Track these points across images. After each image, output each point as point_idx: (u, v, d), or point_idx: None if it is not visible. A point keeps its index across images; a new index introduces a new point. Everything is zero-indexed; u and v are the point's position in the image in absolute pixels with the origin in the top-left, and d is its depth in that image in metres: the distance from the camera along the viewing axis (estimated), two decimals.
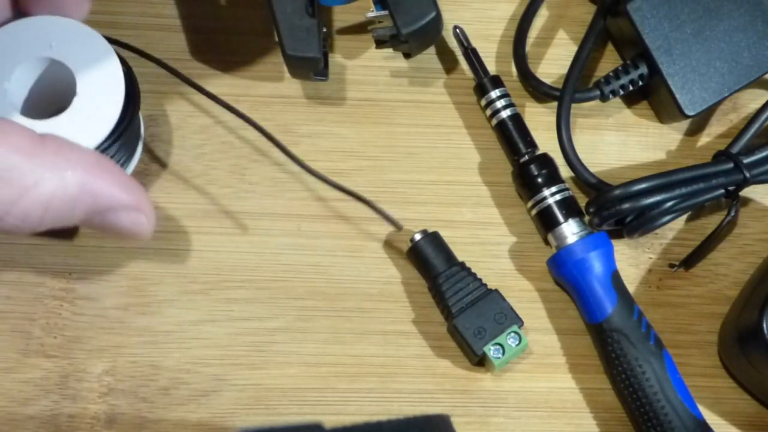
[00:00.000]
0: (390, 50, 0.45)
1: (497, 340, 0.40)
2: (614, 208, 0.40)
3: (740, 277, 0.43)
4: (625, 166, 0.44)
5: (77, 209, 0.32)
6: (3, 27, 0.37)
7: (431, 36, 0.43)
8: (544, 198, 0.41)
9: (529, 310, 0.42)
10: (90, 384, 0.40)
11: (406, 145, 0.44)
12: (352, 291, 0.42)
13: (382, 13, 0.41)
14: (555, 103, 0.43)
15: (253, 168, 0.43)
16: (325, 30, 0.42)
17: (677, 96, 0.42)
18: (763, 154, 0.41)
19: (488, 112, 0.43)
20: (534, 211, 0.42)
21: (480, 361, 0.41)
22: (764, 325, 0.38)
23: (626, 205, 0.40)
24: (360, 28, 0.45)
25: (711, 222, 0.43)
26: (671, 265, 0.43)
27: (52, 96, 0.39)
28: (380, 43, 0.43)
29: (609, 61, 0.46)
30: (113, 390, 0.40)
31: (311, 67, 0.41)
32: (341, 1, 0.42)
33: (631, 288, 0.42)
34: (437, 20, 0.41)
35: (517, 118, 0.43)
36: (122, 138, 0.38)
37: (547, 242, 0.42)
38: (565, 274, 0.41)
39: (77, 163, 0.31)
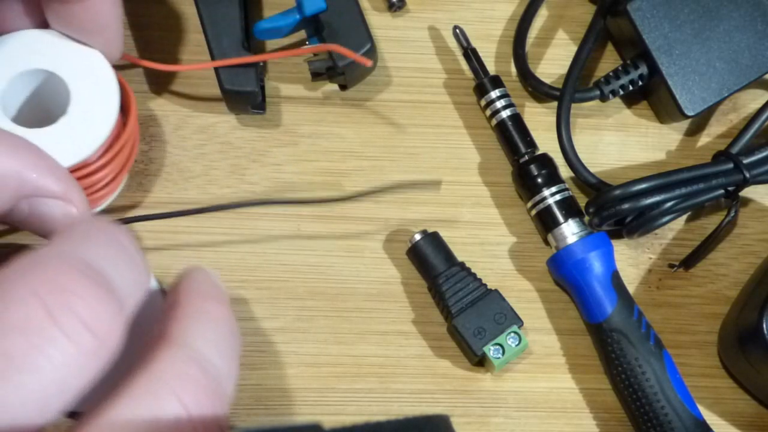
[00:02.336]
0: (388, 51, 0.45)
1: (497, 340, 0.40)
2: (614, 208, 0.40)
3: (740, 277, 0.43)
4: (625, 166, 0.44)
5: (3, 192, 0.31)
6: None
7: (367, 67, 0.43)
8: (544, 198, 0.41)
9: (529, 310, 0.42)
10: None
11: (406, 145, 0.44)
12: (352, 291, 0.42)
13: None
14: (555, 103, 0.43)
15: (253, 168, 0.43)
16: (261, 64, 0.43)
17: (677, 96, 0.42)
18: (763, 154, 0.41)
19: (488, 112, 0.43)
20: (534, 212, 0.42)
21: (480, 362, 0.41)
22: (764, 325, 0.38)
23: (626, 206, 0.40)
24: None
25: (711, 222, 0.43)
26: (671, 266, 0.43)
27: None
28: (316, 76, 0.44)
29: (609, 61, 0.46)
30: None
31: (249, 101, 0.42)
32: (276, 36, 0.42)
33: (631, 288, 0.42)
34: (372, 51, 0.42)
35: (516, 118, 0.43)
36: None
37: (547, 242, 0.42)
38: (565, 274, 0.41)
39: (4, 146, 0.31)
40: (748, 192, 0.43)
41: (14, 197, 0.32)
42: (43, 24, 0.38)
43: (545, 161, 0.42)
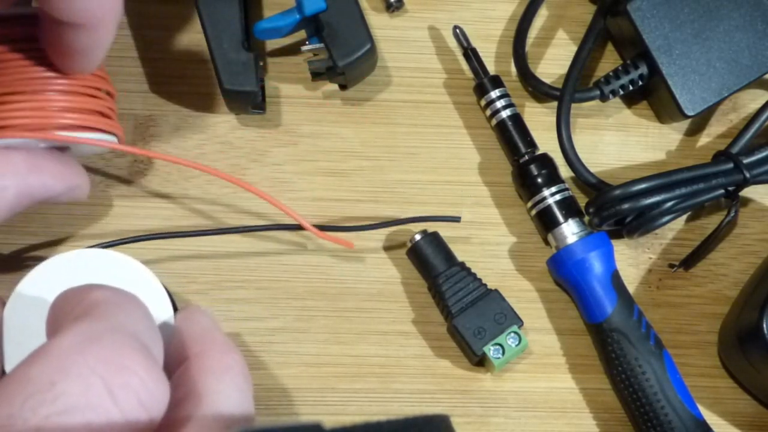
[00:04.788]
0: (388, 51, 0.45)
1: (497, 340, 0.40)
2: (614, 208, 0.40)
3: (740, 277, 0.43)
4: (625, 166, 0.44)
5: (17, 209, 0.33)
6: None
7: (367, 67, 0.43)
8: (544, 198, 0.41)
9: (529, 310, 0.42)
10: None
11: (406, 145, 0.44)
12: (352, 291, 0.42)
13: (318, 46, 0.41)
14: (555, 103, 0.43)
15: (253, 168, 0.43)
16: (261, 64, 0.43)
17: (677, 96, 0.42)
18: (763, 154, 0.41)
19: (488, 112, 0.43)
20: (534, 211, 0.42)
21: (480, 361, 0.41)
22: (764, 325, 0.38)
23: (626, 205, 0.40)
24: None
25: (711, 222, 0.43)
26: (671, 266, 0.43)
27: None
28: (316, 76, 0.44)
29: (609, 61, 0.46)
30: None
31: (249, 100, 0.42)
32: (276, 36, 0.42)
33: (631, 288, 0.42)
34: (372, 51, 0.42)
35: (516, 118, 0.43)
36: None
37: (547, 242, 0.42)
38: (565, 274, 0.41)
39: (11, 173, 0.33)
40: (748, 192, 0.43)
41: (28, 207, 0.34)
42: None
43: (545, 161, 0.42)
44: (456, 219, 0.41)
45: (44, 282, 0.35)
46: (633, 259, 0.43)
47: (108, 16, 0.32)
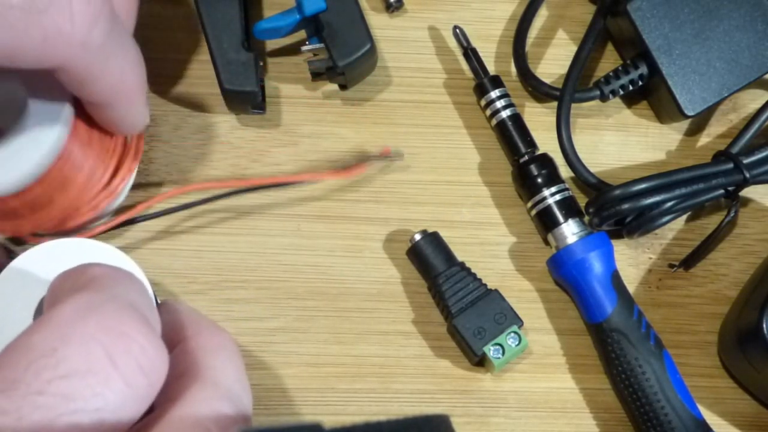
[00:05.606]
0: (388, 51, 0.45)
1: (497, 340, 0.40)
2: (614, 209, 0.40)
3: (740, 277, 0.43)
4: (625, 166, 0.44)
5: None
6: None
7: (367, 67, 0.43)
8: (544, 198, 0.41)
9: (529, 310, 0.42)
10: None
11: (406, 145, 0.44)
12: (352, 291, 0.42)
13: (318, 46, 0.42)
14: (555, 103, 0.43)
15: (253, 168, 0.43)
16: (261, 64, 0.43)
17: (677, 96, 0.42)
18: (763, 154, 0.41)
19: (488, 112, 0.43)
20: (534, 212, 0.42)
21: (480, 362, 0.41)
22: (764, 325, 0.38)
23: (626, 206, 0.40)
24: None
25: (711, 222, 0.43)
26: (671, 266, 0.43)
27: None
28: (316, 76, 0.44)
29: (609, 61, 0.46)
30: None
31: (249, 100, 0.42)
32: (276, 36, 0.42)
33: (631, 288, 0.42)
34: (372, 51, 0.42)
35: (516, 118, 0.43)
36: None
37: (547, 242, 0.42)
38: (565, 274, 0.41)
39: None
40: (748, 192, 0.43)
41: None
42: None
43: (545, 161, 0.42)
44: (399, 158, 0.42)
45: (25, 271, 0.35)
46: (633, 259, 0.43)
47: (128, 94, 0.34)
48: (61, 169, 0.35)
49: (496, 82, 0.43)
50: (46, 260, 0.35)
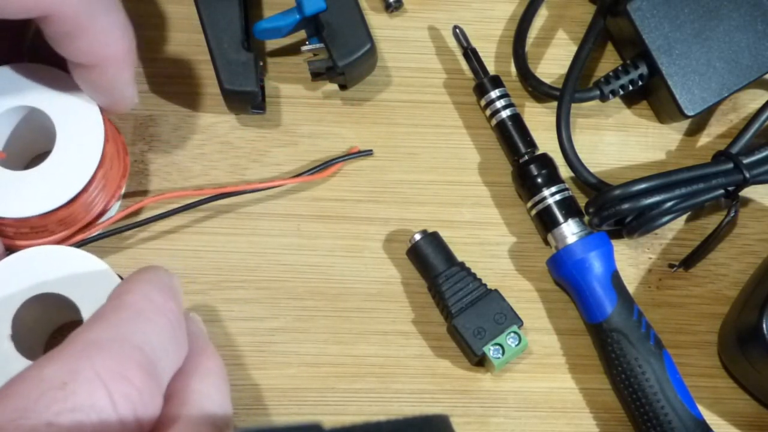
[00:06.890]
0: (388, 51, 0.45)
1: (497, 340, 0.40)
2: (614, 208, 0.40)
3: (740, 277, 0.43)
4: (625, 166, 0.44)
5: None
6: None
7: (367, 67, 0.43)
8: (544, 198, 0.41)
9: (529, 310, 0.42)
10: None
11: (406, 145, 0.44)
12: (352, 291, 0.42)
13: (318, 46, 0.42)
14: (555, 103, 0.43)
15: (253, 168, 0.43)
16: (261, 64, 0.43)
17: (677, 96, 0.42)
18: (763, 154, 0.41)
19: (488, 112, 0.43)
20: (534, 211, 0.42)
21: (480, 362, 0.41)
22: (764, 325, 0.38)
23: (626, 206, 0.40)
24: None
25: (711, 222, 0.43)
26: (671, 266, 0.43)
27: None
28: (316, 76, 0.44)
29: (609, 61, 0.46)
30: None
31: (249, 100, 0.42)
32: (276, 36, 0.42)
33: (631, 288, 0.42)
34: (372, 51, 0.42)
35: (516, 118, 0.43)
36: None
37: (547, 242, 0.42)
38: (565, 274, 0.41)
39: None
40: (748, 192, 0.43)
41: None
42: (19, 58, 0.38)
43: (545, 161, 0.42)
44: (368, 152, 0.43)
45: (1, 279, 0.35)
46: (633, 259, 0.43)
47: (116, 57, 0.35)
48: (89, 191, 0.38)
49: (496, 82, 0.43)
50: (24, 267, 0.35)
